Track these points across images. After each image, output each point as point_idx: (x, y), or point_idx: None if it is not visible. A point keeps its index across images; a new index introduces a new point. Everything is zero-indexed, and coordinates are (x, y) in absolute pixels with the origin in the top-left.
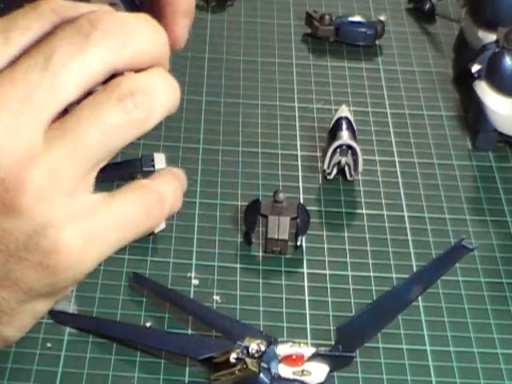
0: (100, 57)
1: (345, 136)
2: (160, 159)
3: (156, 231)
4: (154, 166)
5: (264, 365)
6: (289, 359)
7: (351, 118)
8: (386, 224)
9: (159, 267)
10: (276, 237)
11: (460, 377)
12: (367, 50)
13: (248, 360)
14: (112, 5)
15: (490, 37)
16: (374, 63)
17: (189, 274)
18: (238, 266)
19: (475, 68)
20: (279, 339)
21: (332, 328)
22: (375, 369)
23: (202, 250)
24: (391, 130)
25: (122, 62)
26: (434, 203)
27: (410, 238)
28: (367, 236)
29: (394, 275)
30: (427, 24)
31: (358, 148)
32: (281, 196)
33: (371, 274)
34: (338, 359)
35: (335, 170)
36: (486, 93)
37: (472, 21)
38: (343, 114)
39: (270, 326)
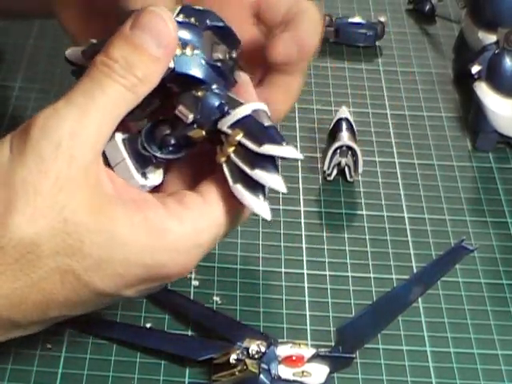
0: None
1: (345, 137)
2: None
3: None
4: None
5: (264, 366)
6: (289, 360)
7: (351, 119)
8: (386, 225)
9: None
10: None
11: (460, 378)
12: (367, 51)
13: (248, 361)
14: None
15: (490, 38)
16: (374, 64)
17: (189, 275)
18: (238, 266)
19: (475, 69)
20: (279, 340)
21: (332, 329)
22: (375, 370)
23: None
24: (391, 131)
25: None
26: (434, 204)
27: (410, 239)
28: (367, 237)
29: (394, 276)
30: (427, 25)
31: (358, 149)
32: None
33: (371, 275)
34: (338, 360)
35: (335, 171)
36: (486, 94)
37: (472, 22)
38: (343, 115)
39: (270, 326)
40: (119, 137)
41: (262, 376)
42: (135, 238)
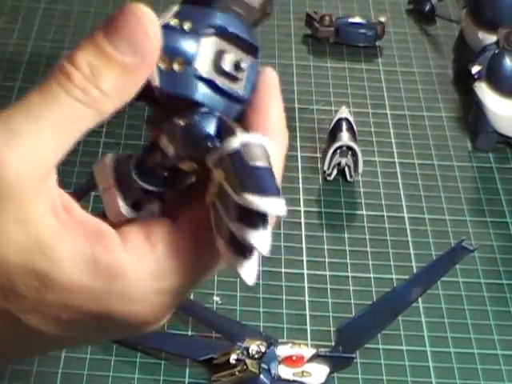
0: None
1: (345, 137)
2: None
3: None
4: None
5: (264, 366)
6: (289, 360)
7: (351, 119)
8: (386, 225)
9: None
10: None
11: (460, 378)
12: (367, 51)
13: (248, 361)
14: None
15: (490, 38)
16: (374, 64)
17: None
18: None
19: (475, 69)
20: (279, 340)
21: (332, 329)
22: (375, 370)
23: None
24: (391, 131)
25: None
26: (434, 204)
27: (410, 239)
28: (367, 237)
29: (394, 276)
30: (427, 25)
31: (358, 149)
32: None
33: (371, 275)
34: (338, 360)
35: (335, 171)
36: (486, 94)
37: (472, 22)
38: (343, 115)
39: (270, 326)
40: (109, 159)
41: (262, 376)
42: (77, 280)
